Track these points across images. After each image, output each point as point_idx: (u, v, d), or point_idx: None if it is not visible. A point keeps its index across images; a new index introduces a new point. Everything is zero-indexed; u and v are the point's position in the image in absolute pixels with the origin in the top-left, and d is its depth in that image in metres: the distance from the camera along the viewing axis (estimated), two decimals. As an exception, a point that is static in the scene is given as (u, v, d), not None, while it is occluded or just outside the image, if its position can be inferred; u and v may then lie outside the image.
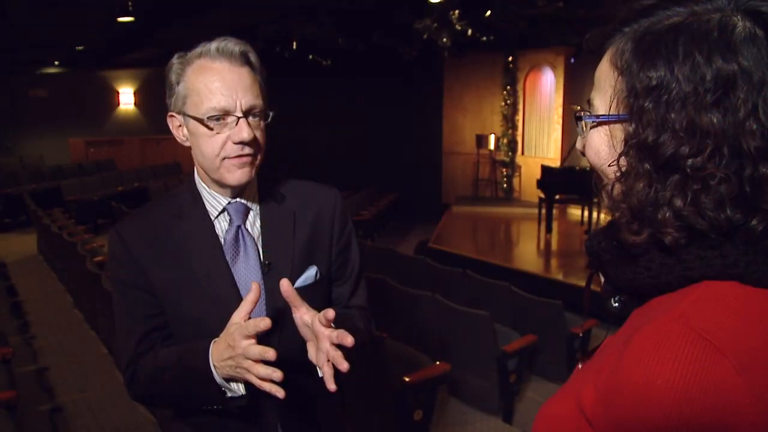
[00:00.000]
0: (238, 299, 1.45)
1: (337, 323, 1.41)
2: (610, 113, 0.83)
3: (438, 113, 14.67)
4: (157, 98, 13.83)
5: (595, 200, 10.00)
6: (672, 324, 0.72)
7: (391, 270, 6.40)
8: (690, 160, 0.74)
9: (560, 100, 12.59)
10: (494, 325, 4.40)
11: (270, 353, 1.25)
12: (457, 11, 8.13)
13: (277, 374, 1.26)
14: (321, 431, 1.64)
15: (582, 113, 0.89)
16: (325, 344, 1.28)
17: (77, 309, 6.75)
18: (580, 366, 0.96)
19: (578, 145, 0.94)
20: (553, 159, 12.39)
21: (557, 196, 10.32)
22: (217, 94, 1.39)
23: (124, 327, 1.54)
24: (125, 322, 1.54)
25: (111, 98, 16.82)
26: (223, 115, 1.40)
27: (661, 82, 0.76)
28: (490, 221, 12.40)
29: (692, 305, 0.74)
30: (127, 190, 13.15)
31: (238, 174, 1.44)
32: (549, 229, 10.38)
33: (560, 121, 12.65)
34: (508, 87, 13.54)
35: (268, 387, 1.27)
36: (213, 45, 1.43)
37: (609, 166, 0.84)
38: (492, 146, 13.61)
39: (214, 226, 1.52)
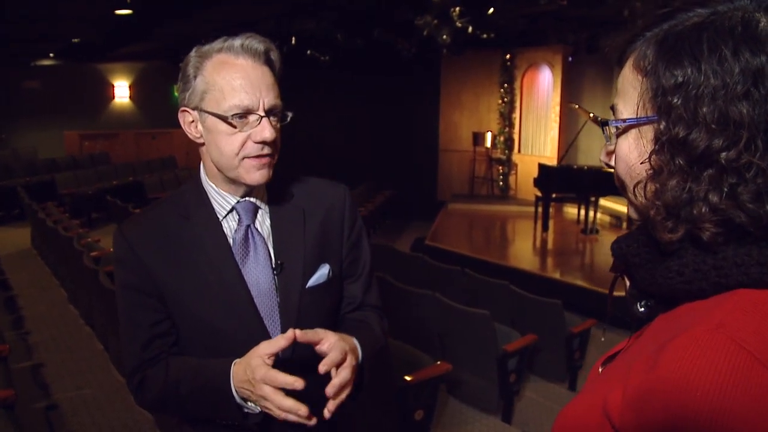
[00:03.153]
0: (249, 301, 1.46)
1: (356, 330, 1.49)
2: (639, 116, 0.82)
3: (435, 110, 14.67)
4: (152, 92, 13.78)
5: (592, 199, 10.01)
6: (711, 333, 0.70)
7: (389, 267, 6.38)
8: (724, 153, 0.74)
9: (558, 99, 12.60)
10: (494, 324, 4.39)
11: (297, 384, 1.29)
12: (458, 8, 8.09)
13: (302, 411, 1.29)
14: None
15: (608, 120, 0.88)
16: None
17: (72, 304, 6.71)
18: (600, 370, 0.95)
19: (602, 156, 0.93)
20: (550, 157, 12.40)
21: (554, 195, 10.32)
22: (240, 92, 1.36)
23: (128, 332, 1.51)
24: (130, 327, 1.51)
25: (106, 91, 16.73)
26: (246, 113, 1.37)
27: (687, 78, 0.76)
28: (486, 219, 12.40)
29: (730, 314, 0.72)
30: (122, 184, 13.09)
31: (257, 175, 1.42)
32: (545, 228, 10.38)
33: (557, 119, 12.66)
34: (506, 85, 13.55)
35: (293, 418, 1.30)
36: (237, 41, 1.39)
37: (641, 164, 0.82)
38: (489, 144, 13.63)
39: (222, 226, 1.49)
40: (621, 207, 10.70)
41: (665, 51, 0.79)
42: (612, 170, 0.92)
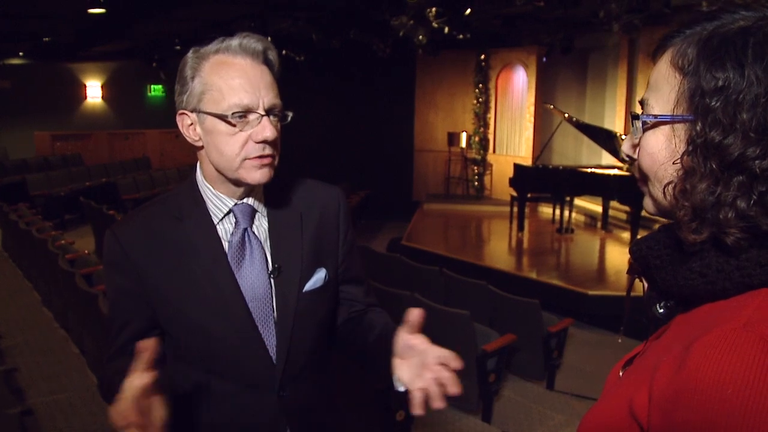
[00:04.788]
0: (242, 304, 1.45)
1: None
2: (674, 114, 0.82)
3: (410, 110, 14.68)
4: (125, 92, 13.54)
5: (567, 199, 10.09)
6: (739, 332, 0.71)
7: (367, 268, 6.37)
8: (758, 161, 0.74)
9: (532, 99, 12.67)
10: (473, 324, 4.41)
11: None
12: (434, 9, 8.11)
13: None
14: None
15: (639, 113, 0.88)
16: (429, 373, 1.31)
17: (46, 307, 6.61)
18: (621, 373, 0.95)
19: (625, 148, 0.92)
20: (525, 157, 12.47)
21: (529, 195, 10.38)
22: (240, 91, 1.34)
23: (112, 331, 1.51)
24: (114, 325, 1.50)
25: (78, 91, 16.51)
26: (246, 112, 1.35)
27: (729, 82, 0.76)
28: (462, 219, 12.44)
29: (756, 313, 0.73)
30: (96, 185, 12.89)
31: (257, 175, 1.39)
32: (521, 228, 10.44)
33: (532, 119, 12.73)
34: (480, 85, 13.59)
35: None
36: (234, 41, 1.37)
37: (673, 164, 0.82)
38: (464, 144, 13.67)
39: (216, 228, 1.46)
40: (596, 207, 10.80)
41: (708, 52, 0.78)
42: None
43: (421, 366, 1.34)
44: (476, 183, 13.85)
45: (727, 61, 0.76)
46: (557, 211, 10.56)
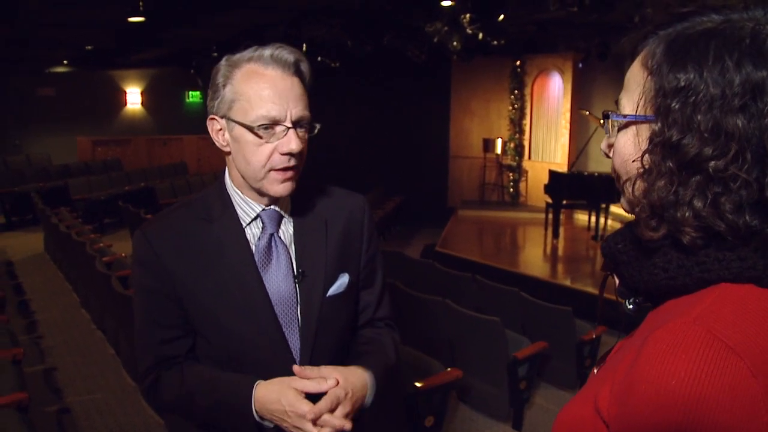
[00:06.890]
0: (269, 307, 1.47)
1: (371, 359, 1.54)
2: (638, 113, 0.84)
3: (445, 116, 14.66)
4: (163, 98, 13.79)
5: (603, 206, 9.97)
6: (688, 325, 0.73)
7: (400, 274, 6.39)
8: (713, 162, 0.75)
9: (568, 105, 12.57)
10: (504, 331, 4.39)
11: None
12: (468, 15, 8.10)
13: None
14: None
15: (610, 113, 0.90)
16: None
17: (84, 309, 6.75)
18: (595, 371, 0.97)
19: (603, 146, 0.95)
20: (560, 164, 12.37)
21: (564, 201, 10.29)
22: (268, 103, 1.36)
23: (145, 331, 1.52)
24: (146, 328, 1.52)
25: (118, 98, 16.86)
26: (273, 124, 1.37)
27: (689, 84, 0.77)
28: (497, 226, 12.39)
29: (709, 307, 0.75)
30: (134, 189, 13.13)
31: (280, 188, 1.42)
32: (556, 235, 10.36)
33: (568, 126, 12.63)
34: (516, 91, 13.53)
35: None
36: (267, 51, 1.39)
37: (633, 162, 0.84)
38: (499, 150, 13.61)
39: (245, 232, 1.49)
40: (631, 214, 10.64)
41: (672, 53, 0.80)
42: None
43: None
44: (511, 189, 13.79)
45: (688, 62, 0.78)
46: (593, 218, 10.44)
